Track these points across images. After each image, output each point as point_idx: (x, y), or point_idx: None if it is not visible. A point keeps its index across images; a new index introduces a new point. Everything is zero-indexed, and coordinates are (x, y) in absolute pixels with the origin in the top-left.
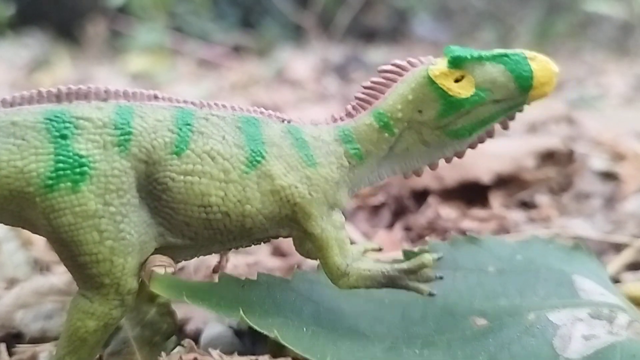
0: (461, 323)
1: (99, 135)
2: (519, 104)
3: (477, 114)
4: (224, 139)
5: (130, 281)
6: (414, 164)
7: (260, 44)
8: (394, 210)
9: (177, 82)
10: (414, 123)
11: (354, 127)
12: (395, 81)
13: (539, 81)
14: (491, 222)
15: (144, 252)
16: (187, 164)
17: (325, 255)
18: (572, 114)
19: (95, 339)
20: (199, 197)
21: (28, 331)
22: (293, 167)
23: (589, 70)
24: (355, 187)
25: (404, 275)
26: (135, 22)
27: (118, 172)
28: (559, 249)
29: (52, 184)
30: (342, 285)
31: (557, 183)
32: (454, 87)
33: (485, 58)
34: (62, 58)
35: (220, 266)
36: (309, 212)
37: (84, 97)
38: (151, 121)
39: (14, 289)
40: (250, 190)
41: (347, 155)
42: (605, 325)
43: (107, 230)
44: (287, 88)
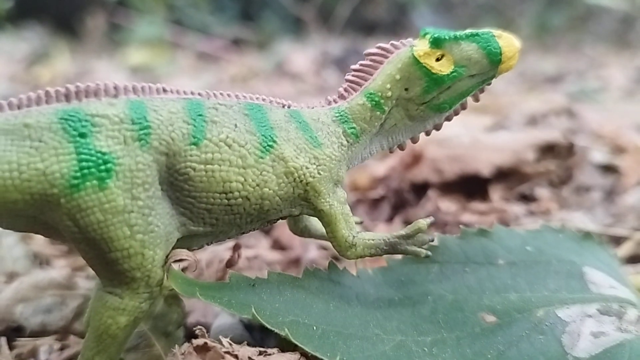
0: (470, 320)
1: (117, 132)
2: (490, 77)
3: (456, 88)
4: (236, 126)
5: (159, 273)
6: (399, 139)
7: (259, 37)
8: (393, 203)
9: (177, 75)
10: (401, 100)
11: (348, 108)
12: (381, 63)
13: (506, 56)
14: (491, 216)
15: (169, 242)
16: (207, 153)
17: (334, 229)
18: (572, 107)
19: (125, 335)
20: (221, 184)
21: (28, 325)
22: (302, 149)
23: (589, 63)
24: (350, 164)
25: (403, 241)
26: (134, 15)
27: (142, 166)
28: (570, 239)
29: (78, 183)
30: (351, 255)
31: (557, 176)
32: (435, 66)
33: (460, 38)
34: (62, 51)
35: (234, 260)
36: (318, 190)
37: (93, 95)
38: (165, 114)
39: (13, 283)
40: (267, 174)
41: (345, 135)
42: (614, 321)
43: (137, 224)
44: (286, 81)
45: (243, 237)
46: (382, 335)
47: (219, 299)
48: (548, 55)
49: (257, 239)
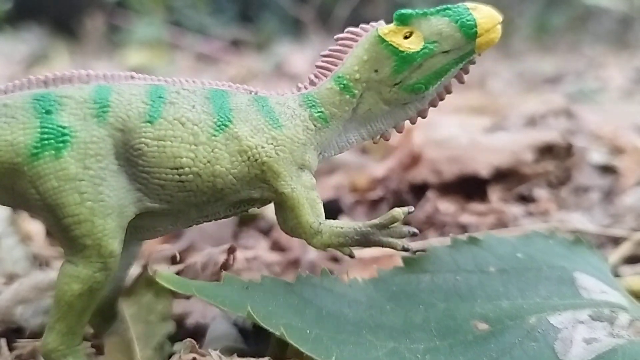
0: (462, 328)
1: (79, 110)
2: (468, 53)
3: (429, 66)
4: (193, 107)
5: (112, 242)
6: (380, 127)
7: (258, 38)
8: (392, 204)
9: (176, 76)
10: (372, 83)
11: (317, 93)
12: (350, 47)
13: (483, 28)
14: (490, 216)
15: (123, 215)
16: (160, 130)
17: (297, 214)
18: (571, 108)
19: (82, 304)
20: (171, 160)
21: (28, 326)
22: (259, 130)
23: (588, 64)
24: (325, 152)
25: (377, 231)
26: (133, 17)
27: (96, 139)
28: (560, 244)
29: (38, 152)
30: (317, 243)
31: (556, 177)
32: (403, 43)
33: (429, 13)
34: (60, 52)
35: (229, 263)
36: (277, 170)
37: (68, 81)
38: (127, 95)
39: (13, 284)
40: (219, 152)
41: (312, 118)
42: (606, 327)
43: (87, 192)
44: (285, 82)
45: (242, 238)
46: (375, 342)
47: (213, 298)
48: (547, 56)
49: (256, 240)
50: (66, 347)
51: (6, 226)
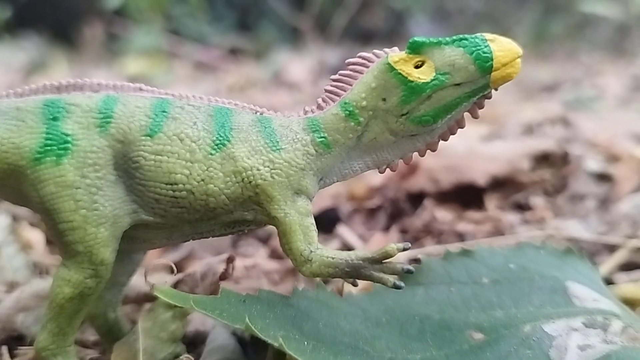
0: (458, 338)
1: (84, 118)
2: (483, 87)
3: (439, 98)
4: (194, 124)
5: (103, 251)
6: (386, 157)
7: (257, 47)
8: (390, 213)
9: (174, 84)
10: (379, 111)
11: (322, 117)
12: (361, 73)
13: (500, 62)
14: (486, 224)
15: (117, 225)
16: (158, 145)
17: (289, 240)
18: (567, 116)
19: (73, 307)
20: (167, 175)
21: (29, 333)
22: (257, 151)
23: (585, 71)
24: (326, 178)
25: (368, 265)
26: (131, 25)
27: (96, 149)
28: (551, 254)
29: (40, 157)
30: (306, 272)
31: (552, 185)
32: (413, 73)
33: (443, 42)
34: (59, 61)
35: (227, 273)
36: (270, 194)
37: (79, 89)
38: (131, 107)
39: (14, 292)
40: (213, 171)
41: (313, 143)
42: (599, 333)
43: (82, 200)
44: (284, 90)
45: (241, 246)
46: (372, 353)
47: (211, 311)
48: (544, 64)
49: (255, 248)
50: (57, 346)
51: (6, 235)
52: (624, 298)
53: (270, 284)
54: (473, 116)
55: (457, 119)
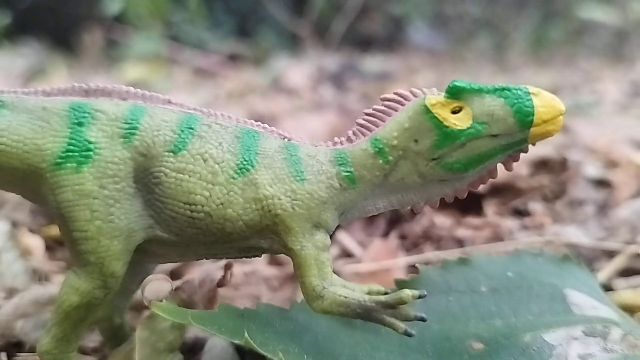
0: (458, 348)
1: (109, 127)
2: (520, 141)
3: (473, 147)
4: (220, 145)
5: (114, 264)
6: (411, 198)
7: (256, 53)
8: (389, 218)
9: (174, 90)
10: (410, 152)
11: (350, 151)
12: (396, 110)
13: (541, 118)
14: (485, 230)
15: (132, 239)
16: (181, 163)
17: (302, 274)
18: (566, 121)
19: (78, 315)
20: (186, 195)
21: (28, 340)
22: (280, 180)
23: (583, 77)
24: (347, 213)
25: (381, 309)
26: (131, 31)
27: (118, 160)
28: (549, 262)
29: (61, 162)
30: (317, 308)
31: (551, 190)
32: (450, 118)
33: (485, 90)
34: (59, 67)
35: (225, 280)
36: (289, 225)
37: (107, 95)
38: (158, 120)
39: (13, 298)
40: (234, 195)
41: (338, 177)
42: (599, 342)
43: (98, 211)
44: (283, 96)
45: None
46: None
47: (210, 326)
48: (543, 69)
49: None
50: (59, 351)
51: (6, 241)
52: (623, 305)
53: (269, 291)
54: (506, 168)
55: (489, 169)
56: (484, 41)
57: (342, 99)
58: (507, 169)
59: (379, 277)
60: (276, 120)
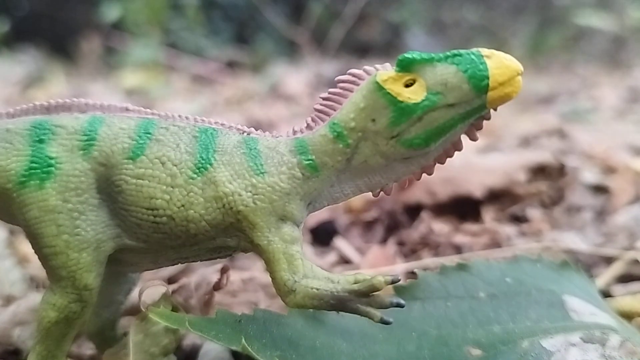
0: (456, 354)
1: (68, 141)
2: (478, 108)
3: (430, 120)
4: (177, 146)
5: (86, 276)
6: (379, 180)
7: (254, 60)
8: (387, 225)
9: (172, 97)
10: (369, 133)
11: (310, 139)
12: (351, 91)
13: (497, 80)
14: (483, 237)
15: (101, 250)
16: (140, 168)
17: (272, 269)
18: (564, 128)
19: (59, 331)
20: (147, 200)
21: (25, 348)
22: (240, 175)
23: (581, 83)
24: (315, 202)
25: (354, 298)
26: (129, 38)
27: (79, 172)
28: (548, 268)
29: (25, 180)
30: (290, 303)
31: (549, 197)
32: (403, 92)
33: (436, 59)
34: (57, 74)
35: (221, 284)
36: (253, 221)
37: (68, 109)
38: (115, 129)
39: (10, 306)
40: (194, 196)
41: (300, 166)
42: (598, 348)
43: (64, 225)
44: (281, 103)
45: (238, 259)
46: None
47: (207, 332)
48: (541, 76)
49: (251, 261)
50: None
51: (3, 248)
52: (621, 311)
53: (267, 298)
54: (470, 138)
55: (454, 141)
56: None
57: None
58: (471, 139)
59: None
60: (274, 126)
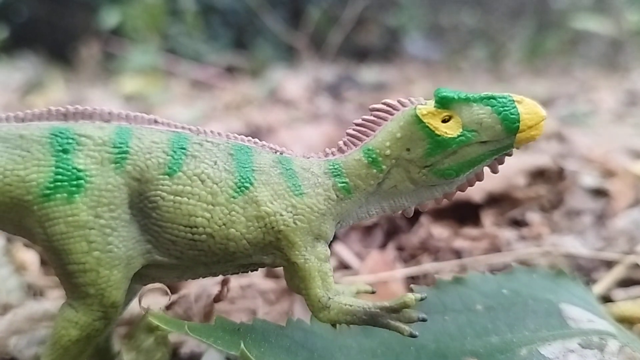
0: None
1: (97, 152)
2: (507, 146)
3: (463, 154)
4: (215, 164)
5: (115, 294)
6: (403, 203)
7: (253, 65)
8: (386, 230)
9: (171, 103)
10: (402, 161)
11: (344, 162)
12: (385, 119)
13: (526, 124)
14: (483, 241)
15: (130, 267)
16: (178, 185)
17: (307, 286)
18: (562, 131)
19: (78, 349)
20: (186, 217)
21: (22, 357)
22: (280, 195)
23: (579, 87)
24: (343, 222)
25: (386, 314)
26: (128, 44)
27: (112, 187)
28: (544, 277)
29: (50, 193)
30: (323, 318)
31: (548, 201)
32: (441, 127)
33: (472, 99)
34: (56, 80)
35: (222, 295)
36: (292, 240)
37: (89, 117)
38: (147, 142)
39: (7, 314)
40: (235, 215)
41: (335, 188)
42: (596, 354)
43: (96, 241)
44: (280, 108)
45: None
46: None
47: (206, 337)
48: (539, 79)
49: None
50: None
51: (0, 256)
52: (622, 316)
53: (266, 304)
54: (492, 171)
55: (477, 173)
56: (479, 51)
57: (339, 110)
58: (493, 172)
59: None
60: (273, 131)
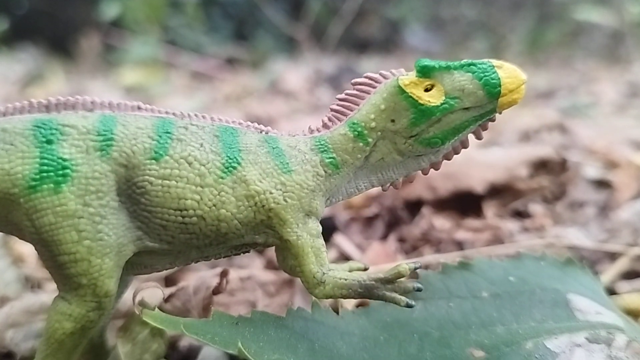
0: (458, 356)
1: (82, 141)
2: (489, 111)
3: (448, 121)
4: (201, 146)
5: (108, 283)
6: (391, 175)
7: (253, 56)
8: (387, 221)
9: (171, 94)
10: (388, 132)
11: (330, 137)
12: (368, 93)
13: (507, 88)
14: (485, 232)
15: (122, 254)
16: (165, 169)
17: (301, 262)
18: (564, 122)
19: (73, 342)
20: (175, 201)
21: (18, 350)
22: (268, 174)
23: (580, 79)
24: (333, 197)
25: (381, 285)
26: (128, 36)
27: (98, 174)
28: (552, 265)
29: (36, 185)
30: (319, 294)
31: (551, 192)
32: (424, 96)
33: (453, 67)
34: (56, 72)
35: (221, 287)
36: (283, 218)
37: (71, 108)
38: (132, 128)
39: (4, 307)
40: (225, 195)
41: (322, 164)
42: (603, 349)
43: (86, 230)
44: (280, 99)
45: (236, 257)
46: None
47: (203, 335)
48: (540, 71)
49: (250, 259)
50: None
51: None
52: (627, 309)
53: (266, 296)
54: (477, 137)
55: (462, 140)
56: (479, 43)
57: None
58: (477, 138)
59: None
60: (274, 122)
